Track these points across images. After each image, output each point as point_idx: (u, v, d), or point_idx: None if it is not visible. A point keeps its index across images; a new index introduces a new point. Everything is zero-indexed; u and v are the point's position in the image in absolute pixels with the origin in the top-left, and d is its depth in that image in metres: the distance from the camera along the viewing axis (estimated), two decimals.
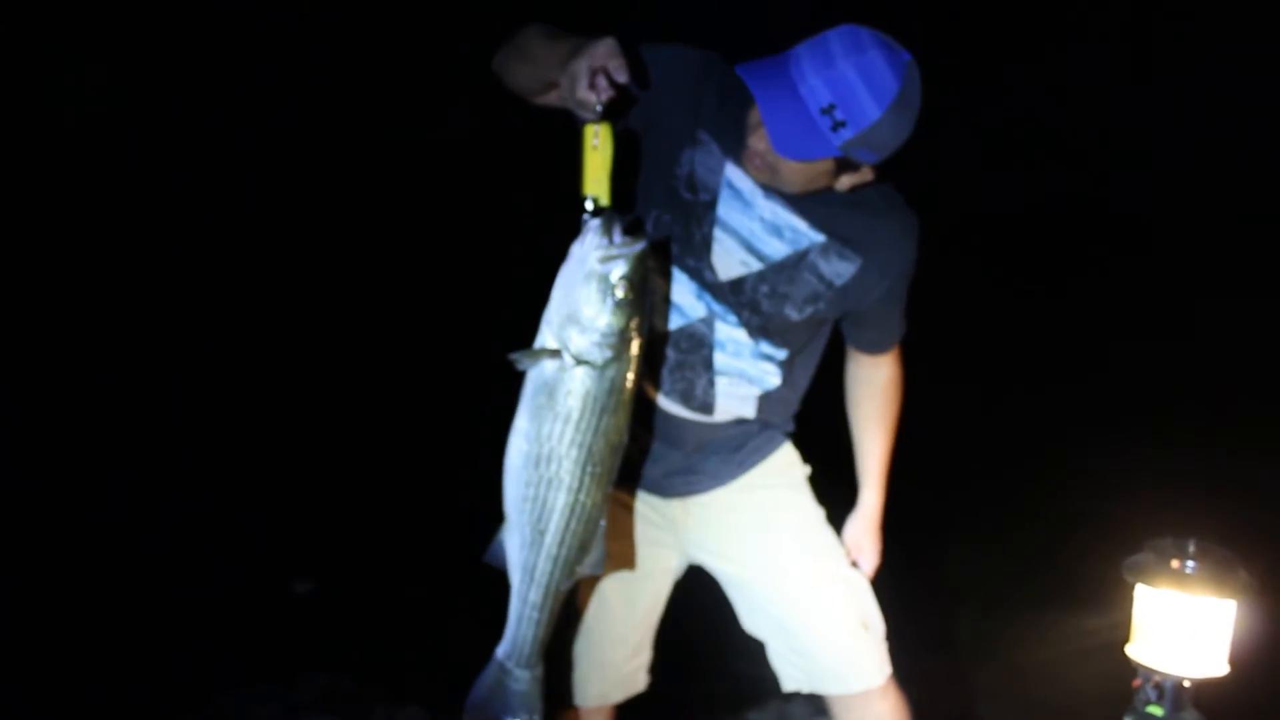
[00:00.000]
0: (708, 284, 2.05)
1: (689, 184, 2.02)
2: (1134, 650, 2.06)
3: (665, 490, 2.21)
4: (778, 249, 2.03)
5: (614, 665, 2.29)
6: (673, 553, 2.28)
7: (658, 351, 2.06)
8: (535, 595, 1.73)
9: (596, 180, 1.65)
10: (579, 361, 1.60)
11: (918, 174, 2.16)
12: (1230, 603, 1.98)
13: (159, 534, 4.05)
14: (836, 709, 2.28)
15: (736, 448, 2.21)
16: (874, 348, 2.30)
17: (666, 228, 2.04)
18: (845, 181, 1.98)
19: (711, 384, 2.10)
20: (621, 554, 2.19)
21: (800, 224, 2.03)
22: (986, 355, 6.42)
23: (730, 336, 2.09)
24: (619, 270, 1.57)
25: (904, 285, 2.17)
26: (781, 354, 2.12)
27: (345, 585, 4.05)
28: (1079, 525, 3.98)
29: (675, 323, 2.07)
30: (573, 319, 1.59)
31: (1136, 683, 2.05)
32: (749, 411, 2.16)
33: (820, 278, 2.06)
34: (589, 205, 1.64)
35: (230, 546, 4.08)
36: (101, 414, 4.85)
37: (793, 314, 2.07)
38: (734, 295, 2.05)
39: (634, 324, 1.61)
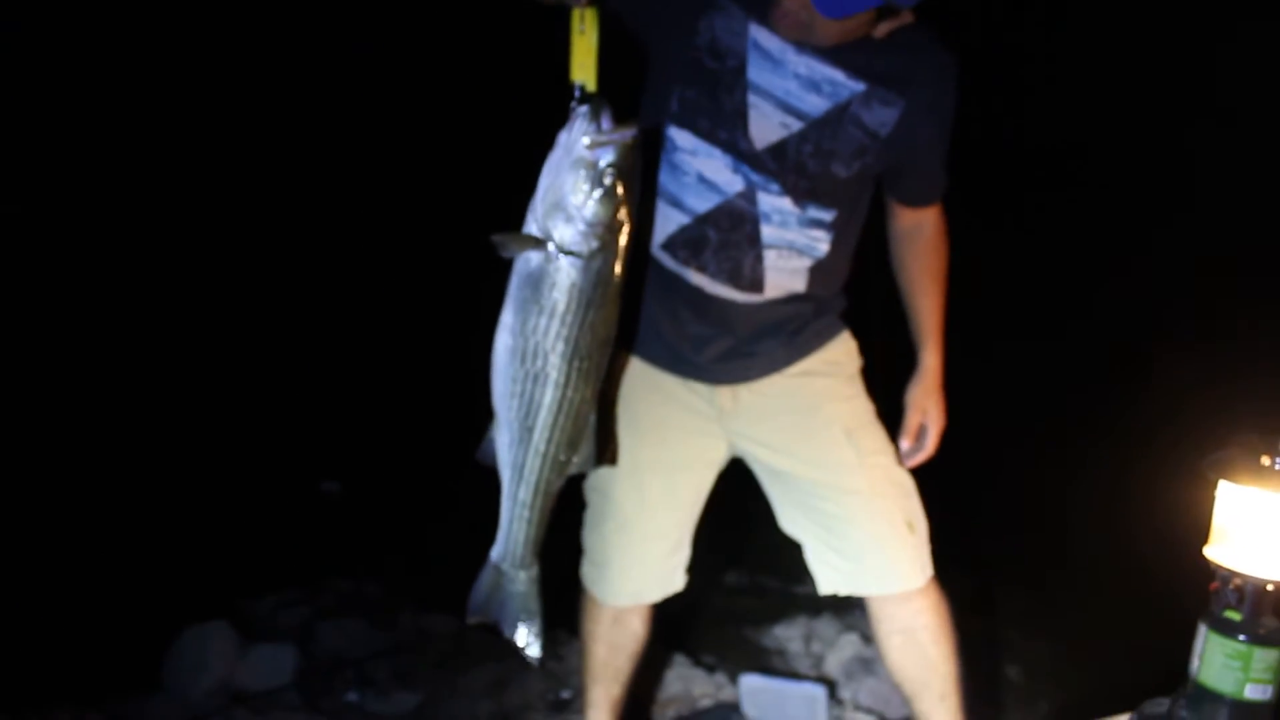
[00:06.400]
0: (744, 154, 1.95)
1: (712, 52, 1.92)
2: (1213, 552, 1.84)
3: (717, 376, 2.11)
4: (817, 105, 1.92)
5: (651, 561, 2.22)
6: (719, 443, 2.19)
7: (699, 234, 1.99)
8: (525, 494, 1.67)
9: (583, 66, 1.61)
10: (564, 252, 1.52)
11: None
12: None
13: (185, 441, 3.97)
14: (875, 609, 2.20)
15: (794, 331, 2.10)
16: (919, 199, 2.19)
17: (692, 103, 1.95)
18: (883, 28, 1.87)
19: (759, 259, 2.00)
20: (665, 442, 2.12)
21: (838, 74, 1.91)
22: (1042, 270, 6.08)
23: (775, 206, 1.98)
24: (607, 157, 1.50)
25: (947, 130, 2.06)
26: (830, 215, 2.01)
27: (372, 487, 3.89)
28: (1158, 430, 3.73)
29: (712, 201, 1.98)
30: (558, 207, 1.51)
31: (1214, 586, 1.82)
32: (800, 285, 2.05)
33: (864, 129, 1.95)
34: (577, 93, 1.60)
35: (257, 448, 3.94)
36: (136, 326, 4.84)
37: (841, 170, 1.97)
38: (776, 161, 1.94)
39: (622, 214, 1.54)
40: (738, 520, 2.39)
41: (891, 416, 2.24)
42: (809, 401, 2.10)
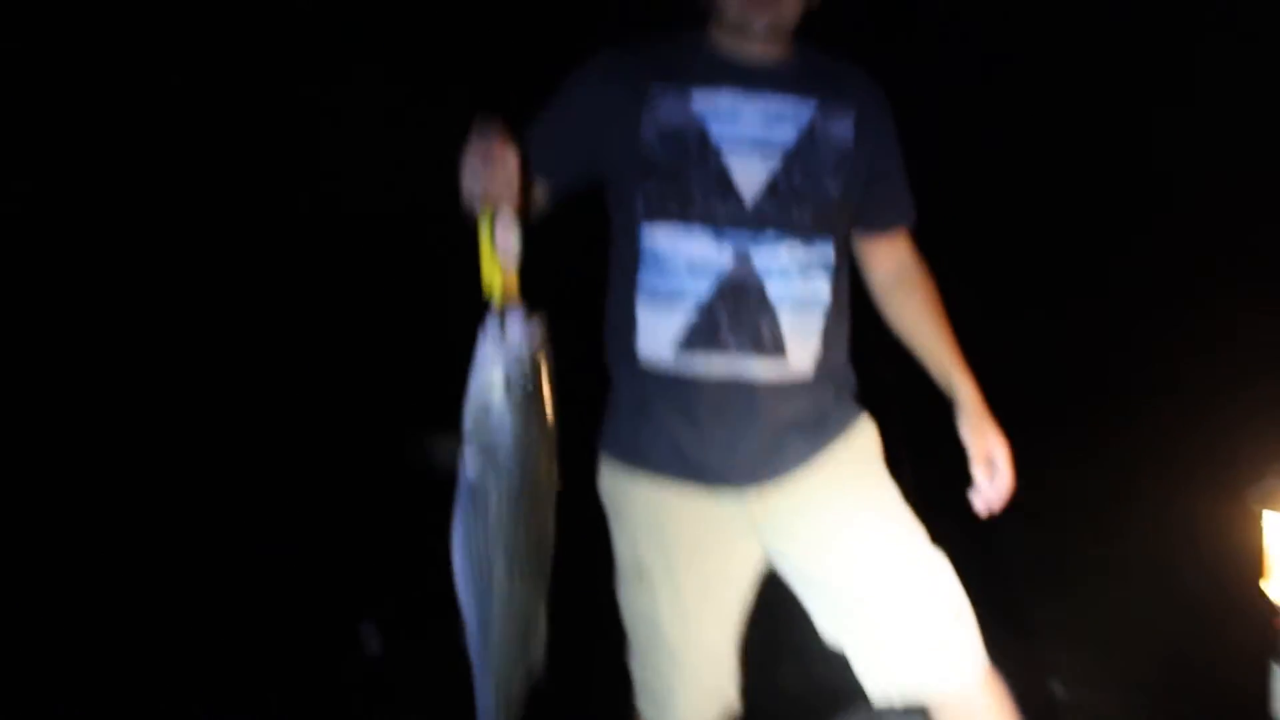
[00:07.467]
0: (724, 221, 1.95)
1: (664, 135, 1.95)
2: (1271, 588, 1.80)
3: (744, 477, 2.04)
4: (788, 132, 1.97)
5: (710, 686, 2.16)
6: (755, 549, 2.13)
7: (709, 319, 1.96)
8: (487, 685, 1.71)
9: (487, 272, 1.65)
10: (488, 462, 1.60)
11: None
12: None
13: (214, 592, 3.89)
14: (933, 710, 2.10)
15: (818, 420, 2.06)
16: (891, 218, 2.20)
17: (657, 193, 1.96)
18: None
19: (775, 318, 1.98)
20: (702, 562, 2.09)
21: (791, 98, 1.98)
22: (1063, 279, 6.02)
23: (770, 264, 1.97)
24: (511, 368, 1.58)
25: (894, 139, 2.11)
26: (828, 246, 2.02)
27: (412, 637, 3.79)
28: (1189, 455, 3.64)
29: (708, 280, 1.95)
30: (473, 418, 1.60)
31: (1278, 622, 1.77)
32: (816, 343, 2.02)
33: (833, 145, 2.00)
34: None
35: (289, 590, 3.83)
36: (154, 459, 4.71)
37: (831, 187, 2.00)
38: (770, 201, 1.95)
39: (531, 420, 1.60)
40: (782, 610, 2.32)
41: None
42: (837, 493, 2.05)
